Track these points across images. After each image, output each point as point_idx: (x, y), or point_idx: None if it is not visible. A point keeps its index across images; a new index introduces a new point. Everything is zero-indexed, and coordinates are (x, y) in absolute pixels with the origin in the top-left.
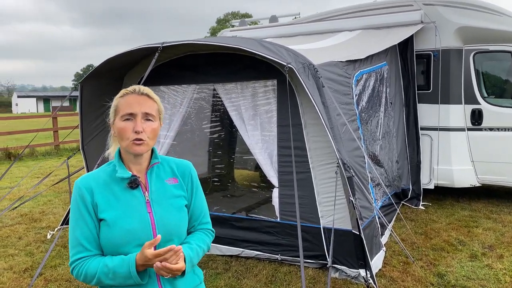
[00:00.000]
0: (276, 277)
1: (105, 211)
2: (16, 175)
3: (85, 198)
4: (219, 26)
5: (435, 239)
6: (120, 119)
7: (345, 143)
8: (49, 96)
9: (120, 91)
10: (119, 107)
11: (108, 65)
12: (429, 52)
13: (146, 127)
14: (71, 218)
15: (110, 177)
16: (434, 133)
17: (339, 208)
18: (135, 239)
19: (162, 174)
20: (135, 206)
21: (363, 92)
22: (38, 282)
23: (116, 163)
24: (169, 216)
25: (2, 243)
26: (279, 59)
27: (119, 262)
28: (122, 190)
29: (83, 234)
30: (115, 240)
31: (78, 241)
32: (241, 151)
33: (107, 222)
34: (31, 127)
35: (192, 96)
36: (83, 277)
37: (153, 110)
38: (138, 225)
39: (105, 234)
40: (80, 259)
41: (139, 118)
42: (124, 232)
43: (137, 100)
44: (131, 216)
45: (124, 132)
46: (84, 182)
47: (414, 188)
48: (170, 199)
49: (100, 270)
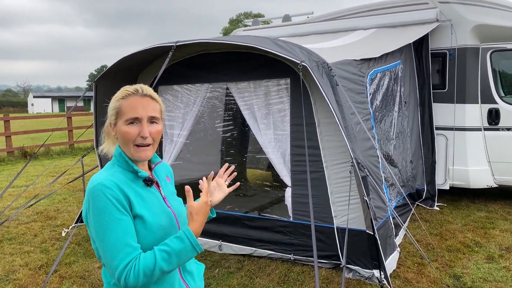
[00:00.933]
0: (289, 277)
1: (137, 208)
2: (32, 173)
3: (118, 197)
4: (232, 27)
5: (451, 240)
6: (124, 123)
7: (359, 142)
8: (63, 97)
9: (120, 91)
10: (122, 109)
11: (122, 64)
12: (445, 50)
13: (151, 130)
14: (101, 224)
15: (125, 176)
16: (450, 133)
17: (353, 208)
18: (166, 234)
19: (161, 173)
20: (158, 203)
21: (377, 91)
22: (53, 279)
23: (128, 163)
24: (182, 210)
25: (18, 240)
26: (293, 57)
27: (176, 241)
28: (142, 188)
29: (127, 233)
30: (152, 237)
31: (125, 242)
32: (253, 151)
33: (145, 219)
34: (46, 127)
35: (205, 95)
36: (143, 275)
37: (157, 112)
38: (167, 220)
39: (143, 232)
40: (131, 260)
41: (144, 122)
42: (159, 228)
43: (141, 103)
44: (160, 212)
45: (129, 136)
46: (109, 181)
47: (429, 188)
48: (174, 195)
49: (160, 258)
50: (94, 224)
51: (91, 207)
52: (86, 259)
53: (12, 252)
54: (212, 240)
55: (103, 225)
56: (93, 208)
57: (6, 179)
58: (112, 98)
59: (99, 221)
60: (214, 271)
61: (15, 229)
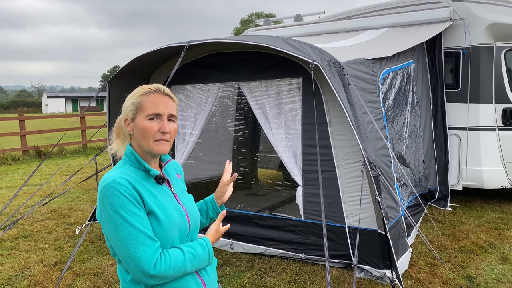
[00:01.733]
0: (300, 276)
1: (150, 205)
2: (46, 172)
3: (132, 193)
4: (243, 27)
5: (464, 241)
6: (144, 118)
7: (371, 142)
8: (77, 97)
9: (140, 88)
10: (143, 105)
11: (135, 64)
12: (458, 50)
13: (170, 127)
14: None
15: (136, 174)
16: (463, 132)
17: (364, 208)
18: (178, 230)
19: (172, 170)
20: (170, 200)
21: (389, 91)
22: (67, 275)
23: (139, 161)
24: (193, 207)
25: (33, 237)
26: (305, 56)
27: (199, 247)
28: (154, 186)
29: (145, 227)
30: (166, 232)
31: (146, 234)
32: (264, 150)
33: (156, 216)
34: (60, 127)
35: (217, 94)
36: (172, 268)
37: (175, 111)
38: (179, 216)
39: (156, 229)
40: (155, 250)
41: (165, 118)
42: (171, 224)
43: (162, 101)
44: (172, 209)
45: (149, 131)
46: (122, 178)
47: (442, 189)
48: (184, 192)
49: (187, 259)
50: (110, 221)
51: (106, 204)
52: (99, 257)
53: (27, 249)
54: (223, 238)
55: (120, 221)
56: (109, 205)
57: (21, 178)
58: (129, 95)
59: (116, 217)
60: (225, 270)
61: (30, 226)
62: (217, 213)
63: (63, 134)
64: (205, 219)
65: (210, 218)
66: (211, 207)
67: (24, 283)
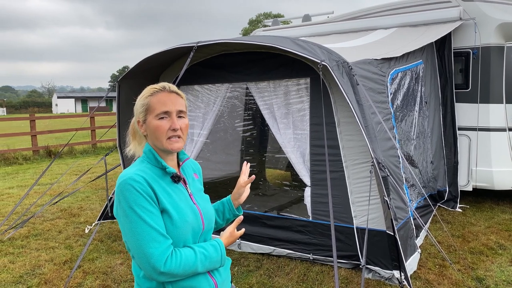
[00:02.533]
0: (308, 276)
1: (164, 203)
2: (56, 172)
3: (147, 190)
4: (251, 27)
5: (473, 242)
6: (154, 118)
7: (379, 142)
8: (86, 97)
9: (147, 89)
10: (151, 105)
11: (144, 65)
12: (468, 49)
13: (181, 123)
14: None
15: (153, 172)
16: (473, 133)
17: (373, 208)
18: (191, 230)
19: (189, 170)
20: (185, 199)
21: (398, 91)
22: (77, 274)
23: (157, 158)
24: (208, 207)
25: (44, 236)
26: (313, 56)
27: (211, 249)
28: (169, 184)
29: (158, 224)
30: (178, 232)
31: (158, 231)
32: (272, 150)
33: (171, 214)
34: (70, 127)
35: (225, 95)
36: (183, 267)
37: (183, 107)
38: (193, 216)
39: (169, 227)
40: (167, 248)
41: (174, 116)
42: (184, 224)
43: (169, 98)
44: (186, 208)
45: (161, 130)
46: (138, 176)
47: (451, 189)
48: (201, 192)
49: (199, 259)
50: (125, 217)
51: (121, 200)
52: (108, 256)
53: (38, 248)
54: None
55: (134, 217)
56: (124, 201)
57: (31, 177)
58: (138, 97)
59: (130, 213)
60: (233, 269)
61: (41, 225)
62: (233, 214)
63: (73, 134)
64: (222, 220)
65: (226, 219)
66: (227, 208)
67: (34, 281)
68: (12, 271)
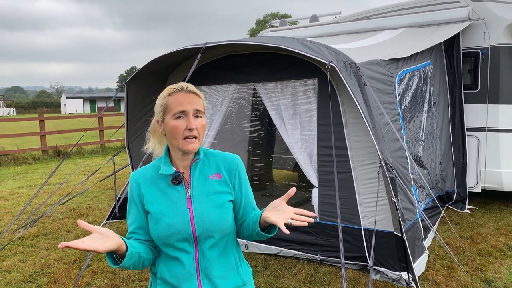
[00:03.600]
0: (315, 277)
1: (150, 204)
2: (65, 171)
3: (133, 190)
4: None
5: (482, 244)
6: (171, 118)
7: (387, 143)
8: (94, 97)
9: (166, 89)
10: (168, 105)
11: (152, 66)
12: (477, 50)
13: (197, 123)
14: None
15: (157, 172)
16: (482, 134)
17: (380, 210)
18: (176, 234)
19: (206, 169)
20: (176, 202)
21: (406, 91)
22: (86, 273)
23: (163, 159)
24: (209, 213)
25: (53, 235)
26: (320, 57)
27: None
28: (167, 185)
29: (133, 222)
30: (159, 233)
31: (130, 226)
32: (279, 151)
33: (152, 215)
34: (78, 127)
35: (232, 95)
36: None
37: (201, 107)
38: (177, 220)
39: (151, 226)
40: (131, 233)
41: (190, 115)
42: (165, 226)
43: (186, 98)
44: (172, 211)
45: (177, 130)
46: (134, 176)
47: (460, 191)
48: (211, 195)
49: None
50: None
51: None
52: None
53: (47, 247)
54: (239, 239)
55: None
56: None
57: (41, 177)
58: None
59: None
60: None
61: (50, 225)
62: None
63: (83, 134)
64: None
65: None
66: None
67: (44, 280)
68: (22, 270)
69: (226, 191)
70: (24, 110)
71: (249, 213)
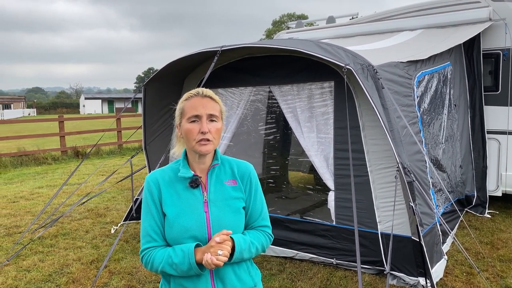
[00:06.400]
0: (331, 281)
1: (167, 206)
2: (83, 172)
3: (152, 192)
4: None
5: (503, 250)
6: (186, 121)
7: (405, 147)
8: (113, 98)
9: (184, 95)
10: (185, 109)
11: (170, 68)
12: (498, 51)
13: (211, 127)
14: (142, 211)
15: (175, 175)
16: (503, 137)
17: (397, 214)
18: (192, 236)
19: (222, 175)
20: (193, 205)
21: (425, 94)
22: (103, 274)
23: (181, 162)
24: (225, 217)
25: (71, 235)
26: (337, 60)
27: (180, 254)
28: (184, 188)
29: (150, 226)
30: (174, 235)
31: (147, 232)
32: (295, 153)
33: (168, 217)
34: (97, 127)
35: (248, 98)
36: (150, 265)
37: (216, 111)
38: (194, 223)
39: (167, 229)
40: (149, 248)
41: (204, 119)
42: (182, 229)
43: (201, 103)
44: (188, 214)
45: (191, 133)
46: (153, 177)
47: (479, 195)
48: (227, 200)
49: (165, 261)
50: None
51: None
52: (133, 256)
53: (66, 247)
54: None
55: (142, 212)
56: (142, 196)
57: (60, 177)
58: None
59: (142, 207)
60: None
61: (69, 225)
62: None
63: (102, 135)
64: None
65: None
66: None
67: (63, 280)
68: (41, 269)
69: (240, 197)
70: (44, 111)
71: (254, 221)
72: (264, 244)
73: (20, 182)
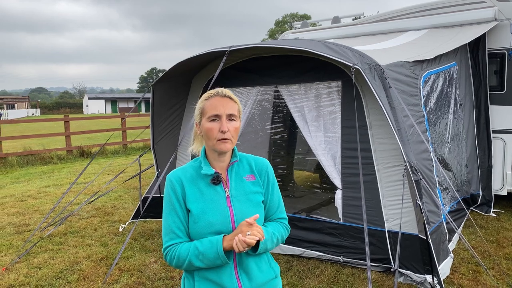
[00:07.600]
0: (338, 279)
1: (192, 203)
2: (89, 171)
3: (176, 190)
4: (278, 28)
5: (508, 248)
6: (206, 120)
7: (412, 145)
8: (116, 98)
9: (204, 94)
10: (205, 109)
11: (178, 69)
12: (503, 51)
13: (230, 126)
14: (164, 208)
15: (196, 172)
16: (508, 136)
17: (405, 212)
18: (216, 231)
19: (241, 171)
20: (217, 201)
21: (431, 93)
22: (113, 271)
23: (202, 160)
24: (247, 211)
25: (80, 233)
26: (345, 60)
27: (207, 244)
28: (206, 185)
29: (174, 223)
30: (200, 230)
31: (171, 229)
32: (301, 152)
33: (193, 214)
34: (101, 127)
35: (256, 97)
36: (176, 260)
37: (235, 111)
38: (219, 218)
39: (191, 225)
40: (172, 245)
41: (224, 118)
42: (207, 224)
43: (221, 102)
44: (213, 210)
45: (211, 132)
46: (175, 175)
47: (485, 194)
48: (248, 195)
49: (191, 253)
50: (163, 205)
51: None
52: (142, 254)
53: (75, 245)
54: None
55: (164, 210)
56: (164, 194)
57: (66, 176)
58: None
59: (163, 206)
60: None
61: (77, 223)
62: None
63: (110, 135)
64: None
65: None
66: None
67: (74, 277)
68: (52, 266)
69: (259, 191)
70: (48, 111)
71: (273, 214)
72: (284, 235)
73: (27, 181)
